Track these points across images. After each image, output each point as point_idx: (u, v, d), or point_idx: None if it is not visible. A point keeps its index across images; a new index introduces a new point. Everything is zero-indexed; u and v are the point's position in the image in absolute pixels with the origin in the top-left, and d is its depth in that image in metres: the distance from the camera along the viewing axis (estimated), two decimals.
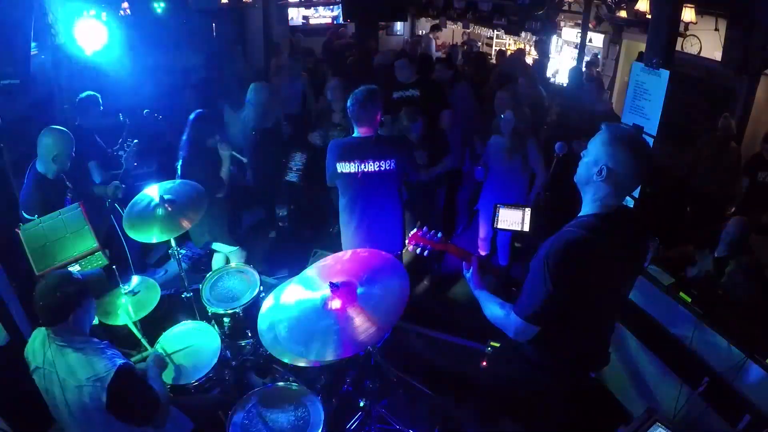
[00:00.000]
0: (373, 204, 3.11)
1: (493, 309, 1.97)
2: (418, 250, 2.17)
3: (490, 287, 2.08)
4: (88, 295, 2.04)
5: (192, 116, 3.51)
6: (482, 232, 4.54)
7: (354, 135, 3.08)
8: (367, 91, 2.97)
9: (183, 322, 2.93)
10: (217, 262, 3.98)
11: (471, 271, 2.09)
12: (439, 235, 2.16)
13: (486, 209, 4.36)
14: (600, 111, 4.75)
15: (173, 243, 3.12)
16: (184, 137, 3.52)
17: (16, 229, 2.82)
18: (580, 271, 1.75)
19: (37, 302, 1.94)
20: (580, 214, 1.87)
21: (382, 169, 3.01)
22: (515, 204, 3.07)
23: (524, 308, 1.83)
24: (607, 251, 1.78)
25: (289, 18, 9.56)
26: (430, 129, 4.14)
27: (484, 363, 3.10)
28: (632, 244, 1.90)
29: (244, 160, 3.52)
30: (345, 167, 3.02)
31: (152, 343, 2.74)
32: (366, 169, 3.01)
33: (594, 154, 1.79)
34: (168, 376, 2.57)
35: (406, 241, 2.24)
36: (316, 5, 9.96)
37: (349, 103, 2.97)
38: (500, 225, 3.04)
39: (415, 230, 2.18)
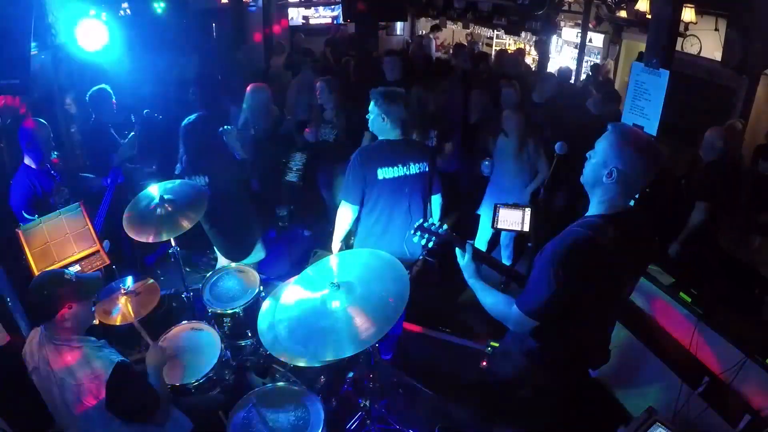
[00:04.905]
0: (413, 207, 3.01)
1: (493, 299, 1.98)
2: (423, 242, 2.18)
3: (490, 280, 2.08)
4: (80, 297, 1.99)
5: (188, 127, 3.43)
6: (481, 233, 4.54)
7: (384, 139, 2.96)
8: (405, 95, 2.95)
9: (183, 322, 2.93)
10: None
11: (466, 258, 2.07)
12: (444, 227, 2.16)
13: (487, 213, 4.36)
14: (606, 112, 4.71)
15: (173, 243, 3.12)
16: (182, 149, 3.46)
17: (17, 229, 2.83)
18: (585, 270, 1.76)
19: (27, 298, 1.95)
20: (588, 213, 1.87)
21: (421, 170, 2.96)
22: (515, 204, 3.08)
23: (527, 303, 1.83)
24: (612, 252, 1.78)
25: (289, 18, 9.57)
26: None
27: (484, 363, 3.11)
28: (638, 246, 1.90)
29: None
30: (388, 172, 2.89)
31: None
32: (410, 172, 2.93)
33: (603, 155, 1.78)
34: (168, 377, 2.57)
35: (411, 231, 2.22)
36: (316, 5, 9.96)
37: (396, 107, 2.87)
38: (500, 225, 3.05)
39: (420, 221, 2.18)
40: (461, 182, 5.14)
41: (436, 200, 3.18)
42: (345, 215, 3.00)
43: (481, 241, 4.55)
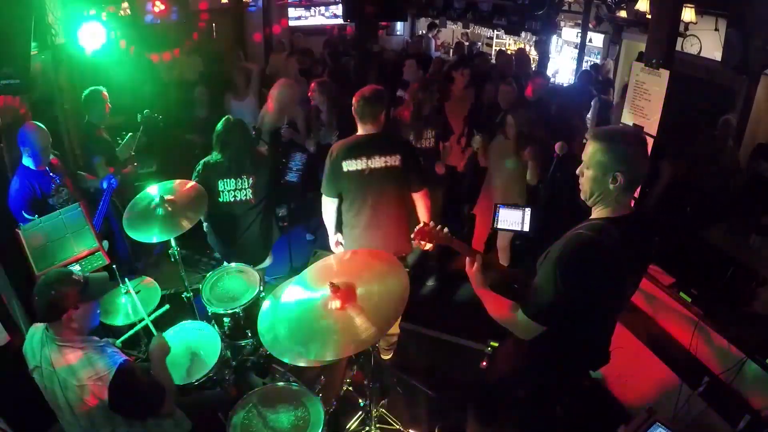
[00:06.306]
0: (381, 202, 3.06)
1: (498, 308, 1.97)
2: (423, 244, 2.18)
3: (493, 284, 2.08)
4: (88, 298, 1.99)
5: (226, 129, 3.26)
6: (477, 233, 4.53)
7: (358, 134, 3.06)
8: (373, 90, 3.01)
9: (183, 322, 2.93)
10: None
11: (475, 267, 2.07)
12: (445, 230, 2.16)
13: (482, 213, 4.35)
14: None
15: (173, 243, 3.12)
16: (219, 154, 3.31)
17: (16, 229, 2.83)
18: (591, 273, 1.76)
19: (33, 296, 1.93)
20: (592, 216, 1.87)
21: (388, 164, 3.00)
22: (515, 204, 3.08)
23: (533, 308, 1.83)
24: (617, 254, 1.78)
25: (289, 18, 9.56)
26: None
27: (484, 363, 3.10)
28: (640, 247, 1.90)
29: None
30: (351, 165, 2.98)
31: None
32: (373, 166, 2.99)
33: (599, 166, 1.77)
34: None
35: (412, 236, 2.22)
36: (316, 5, 9.95)
37: (354, 101, 2.97)
38: (500, 225, 3.04)
39: (421, 225, 2.18)
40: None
41: (420, 200, 3.18)
42: (325, 207, 3.18)
43: (478, 242, 4.55)
